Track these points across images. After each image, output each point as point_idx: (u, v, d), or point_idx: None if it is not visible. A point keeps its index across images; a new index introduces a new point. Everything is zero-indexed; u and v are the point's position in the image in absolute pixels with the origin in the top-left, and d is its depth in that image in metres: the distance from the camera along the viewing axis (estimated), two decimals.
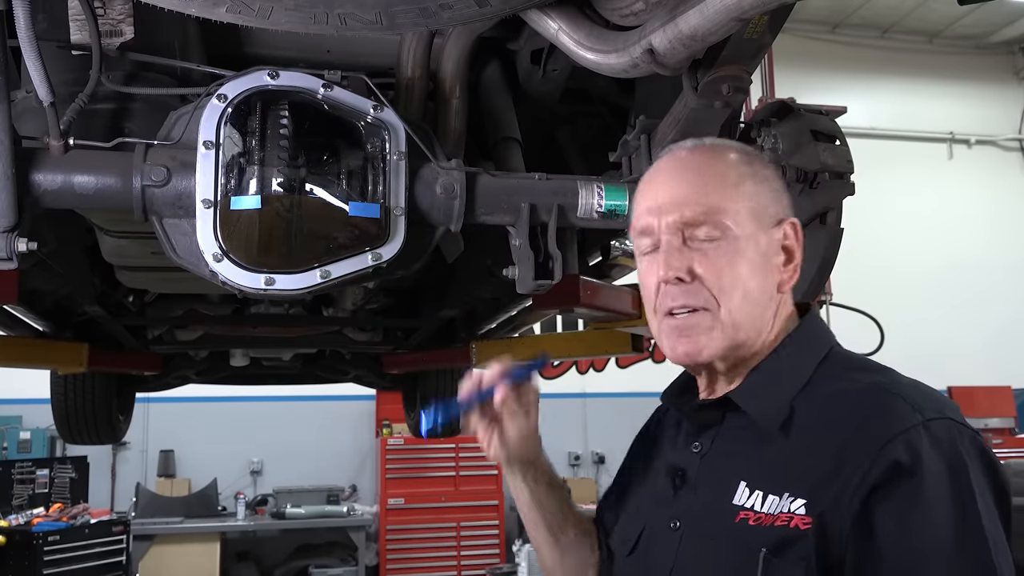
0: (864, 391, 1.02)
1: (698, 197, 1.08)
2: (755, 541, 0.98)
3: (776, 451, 1.03)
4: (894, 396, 0.99)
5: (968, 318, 10.83)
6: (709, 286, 1.06)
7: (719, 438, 1.11)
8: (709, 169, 1.11)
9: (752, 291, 1.08)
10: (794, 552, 0.95)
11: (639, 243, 1.14)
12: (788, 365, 1.09)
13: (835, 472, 0.96)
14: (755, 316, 1.08)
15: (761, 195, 1.11)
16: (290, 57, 1.89)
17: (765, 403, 1.06)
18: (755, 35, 1.49)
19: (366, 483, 9.17)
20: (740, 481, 1.04)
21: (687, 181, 1.10)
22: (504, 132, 2.14)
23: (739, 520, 1.01)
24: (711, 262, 1.07)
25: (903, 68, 11.57)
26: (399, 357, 4.15)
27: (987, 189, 11.59)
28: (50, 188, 1.58)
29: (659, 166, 1.15)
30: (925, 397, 1.00)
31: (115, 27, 1.66)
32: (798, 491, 0.98)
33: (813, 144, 1.83)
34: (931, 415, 0.96)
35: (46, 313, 3.22)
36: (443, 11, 1.34)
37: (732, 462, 1.07)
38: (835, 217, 1.88)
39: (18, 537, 5.82)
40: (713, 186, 1.09)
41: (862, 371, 1.07)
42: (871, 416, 0.97)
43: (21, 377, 4.58)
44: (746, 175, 1.11)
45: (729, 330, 1.07)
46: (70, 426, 4.09)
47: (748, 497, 1.02)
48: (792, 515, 0.97)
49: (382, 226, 1.64)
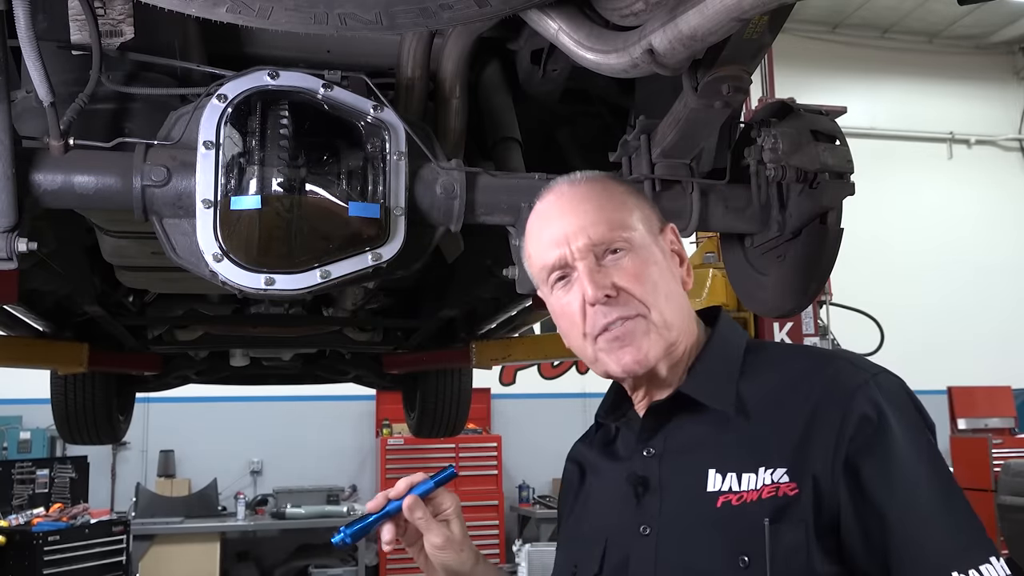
0: (808, 365, 1.10)
1: (597, 218, 1.13)
2: (749, 516, 1.02)
3: (737, 434, 1.08)
4: (836, 362, 1.09)
5: (968, 318, 10.83)
6: (635, 295, 1.11)
7: (670, 437, 1.13)
8: (595, 194, 1.16)
9: (670, 293, 1.14)
10: (792, 515, 1.01)
11: (545, 278, 1.17)
12: (721, 358, 1.15)
13: (808, 438, 1.03)
14: (680, 315, 1.15)
15: (643, 206, 1.19)
16: (290, 57, 1.88)
17: (717, 392, 1.11)
18: (755, 35, 1.49)
19: (366, 483, 9.17)
20: (708, 469, 1.07)
21: (581, 209, 1.14)
22: (504, 132, 2.14)
23: (721, 504, 1.04)
24: (628, 273, 1.12)
25: (903, 68, 11.57)
26: (399, 357, 4.15)
27: (987, 189, 11.59)
28: (50, 188, 1.59)
29: (545, 207, 1.18)
30: (859, 359, 1.12)
31: (115, 27, 1.66)
32: (774, 463, 1.03)
33: (813, 144, 1.83)
34: (873, 370, 1.07)
35: (46, 313, 3.22)
36: (443, 11, 1.34)
37: (693, 455, 1.10)
38: (835, 217, 1.88)
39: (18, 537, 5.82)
40: (605, 206, 1.14)
41: (789, 353, 1.19)
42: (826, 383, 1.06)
43: (21, 377, 4.58)
44: (626, 192, 1.19)
45: (664, 331, 1.12)
46: (70, 426, 4.09)
47: (722, 481, 1.05)
48: (777, 484, 1.02)
49: (382, 226, 1.64)
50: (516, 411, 9.63)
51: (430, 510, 1.19)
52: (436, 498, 1.21)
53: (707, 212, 1.93)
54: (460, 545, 1.21)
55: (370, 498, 1.25)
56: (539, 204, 1.20)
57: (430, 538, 1.19)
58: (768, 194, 1.92)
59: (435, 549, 1.19)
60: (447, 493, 1.22)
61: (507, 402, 9.71)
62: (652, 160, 1.86)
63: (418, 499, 1.17)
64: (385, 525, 1.18)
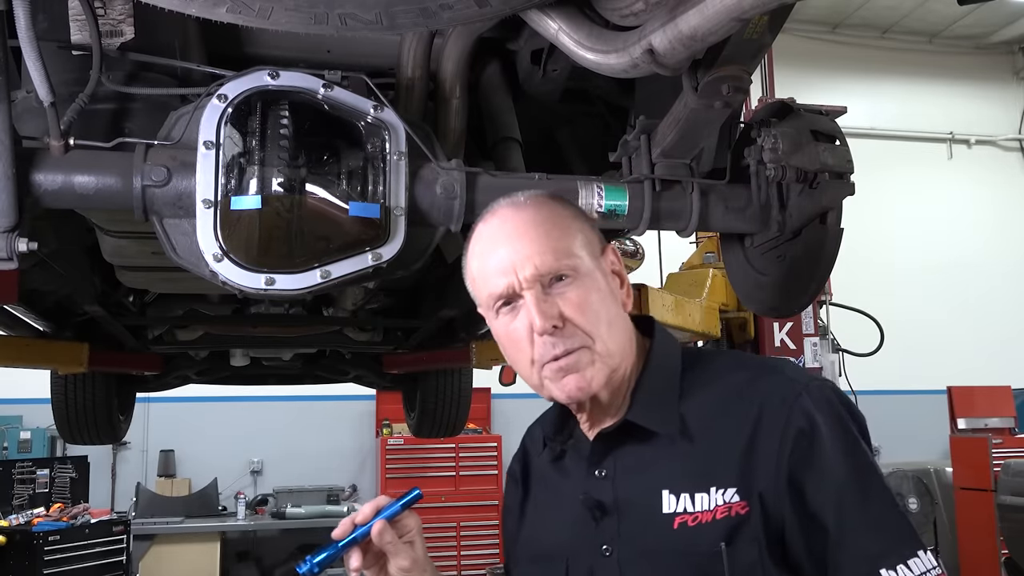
0: (742, 379, 1.14)
1: (543, 247, 1.14)
2: (705, 538, 1.06)
3: (683, 456, 1.11)
4: (769, 376, 1.13)
5: (968, 318, 10.83)
6: (580, 326, 1.13)
7: (620, 461, 1.16)
8: (541, 219, 1.16)
9: (612, 319, 1.16)
10: (745, 535, 1.05)
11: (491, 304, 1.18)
12: (661, 380, 1.18)
13: (751, 456, 1.07)
14: (622, 341, 1.17)
15: (585, 229, 1.20)
16: (290, 57, 1.88)
17: (661, 417, 1.14)
18: (755, 35, 1.49)
19: (366, 483, 9.17)
20: (662, 491, 1.10)
21: (528, 236, 1.15)
22: (504, 132, 2.14)
23: (678, 525, 1.08)
24: (574, 304, 1.13)
25: (903, 68, 11.57)
26: (399, 357, 4.15)
27: (987, 189, 11.58)
28: (50, 188, 1.59)
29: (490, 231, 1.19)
30: (791, 369, 1.16)
31: (115, 27, 1.66)
32: (723, 482, 1.07)
33: (813, 144, 1.83)
34: (806, 381, 1.12)
35: (46, 313, 3.22)
36: (443, 11, 1.34)
37: (645, 477, 1.13)
38: (835, 217, 1.88)
39: (18, 537, 5.81)
40: (551, 233, 1.15)
41: (722, 365, 1.20)
42: (763, 398, 1.10)
43: (21, 377, 4.58)
44: (568, 216, 1.19)
45: (607, 359, 1.14)
46: (70, 426, 4.09)
47: (677, 502, 1.09)
48: (729, 504, 1.06)
49: (382, 226, 1.64)
50: (516, 411, 9.61)
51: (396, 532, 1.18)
52: (401, 520, 1.19)
53: (707, 212, 1.93)
54: (424, 565, 1.20)
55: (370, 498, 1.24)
56: (483, 227, 1.21)
57: (398, 561, 1.18)
58: (768, 194, 1.92)
59: (402, 572, 1.18)
60: (411, 514, 1.21)
61: (507, 402, 9.69)
62: (652, 160, 1.86)
63: (387, 524, 1.16)
64: (353, 551, 1.16)
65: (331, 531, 1.16)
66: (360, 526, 1.16)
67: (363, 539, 1.16)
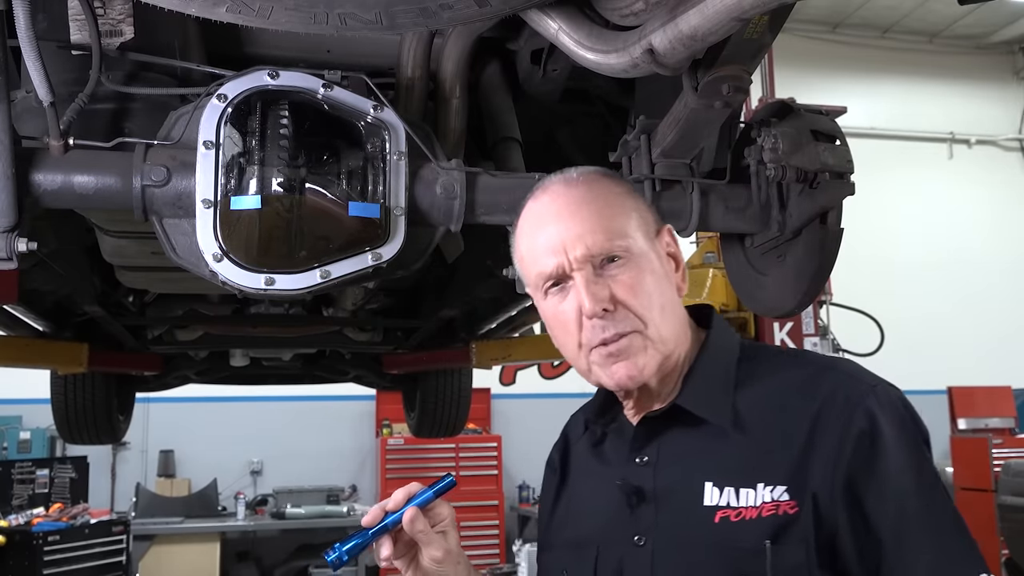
0: (804, 375, 1.08)
1: (595, 226, 1.10)
2: (747, 535, 1.01)
3: (734, 447, 1.06)
4: (832, 373, 1.08)
5: (968, 318, 10.82)
6: (633, 309, 1.08)
7: (664, 447, 1.11)
8: (593, 197, 1.12)
9: (666, 303, 1.11)
10: (792, 535, 1.00)
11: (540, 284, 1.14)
12: (716, 368, 1.13)
13: (807, 454, 1.02)
14: (675, 326, 1.12)
15: (640, 208, 1.15)
16: (290, 57, 1.88)
17: (714, 404, 1.10)
18: (755, 35, 1.49)
19: (366, 483, 9.16)
20: (705, 482, 1.05)
21: (579, 214, 1.11)
22: (504, 132, 2.14)
23: (719, 520, 1.03)
24: (626, 286, 1.09)
25: (903, 68, 11.57)
26: (399, 357, 4.15)
27: (987, 189, 11.58)
28: (50, 188, 1.59)
29: (540, 208, 1.15)
30: (857, 369, 1.09)
31: (115, 27, 1.66)
32: (773, 479, 1.02)
33: (813, 144, 1.83)
34: (872, 382, 1.06)
35: (46, 313, 3.22)
36: (443, 11, 1.34)
37: (689, 467, 1.08)
38: (835, 217, 1.88)
39: (18, 537, 5.82)
40: (603, 212, 1.11)
41: (785, 360, 1.15)
42: (825, 396, 1.04)
43: (21, 377, 4.58)
44: (624, 194, 1.15)
45: (660, 345, 1.10)
46: (70, 426, 4.09)
47: (720, 496, 1.04)
48: (778, 503, 1.01)
49: (382, 226, 1.64)
50: (516, 411, 9.63)
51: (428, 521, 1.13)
52: (434, 508, 1.15)
53: (707, 212, 1.93)
54: (457, 557, 1.16)
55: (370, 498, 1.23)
56: (533, 203, 1.17)
57: (430, 552, 1.13)
58: (768, 194, 1.92)
59: (434, 563, 1.14)
60: (444, 503, 1.16)
61: (507, 402, 9.71)
62: (652, 160, 1.86)
63: (419, 512, 1.12)
64: (383, 540, 1.12)
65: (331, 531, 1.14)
66: (391, 513, 1.12)
67: (394, 527, 1.12)
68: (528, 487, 9.21)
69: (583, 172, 1.17)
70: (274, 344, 3.95)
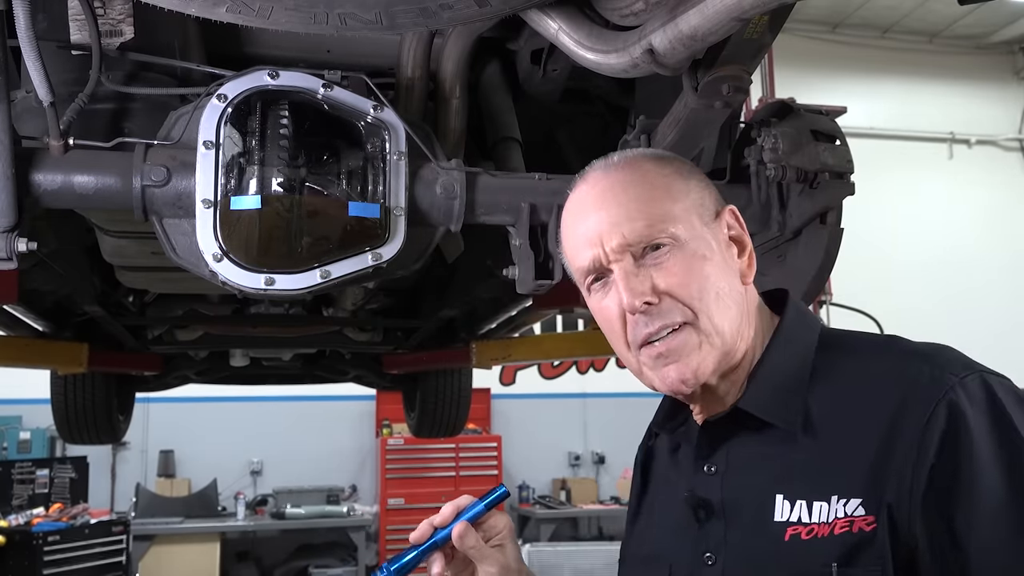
0: (885, 367, 0.95)
1: (633, 213, 0.99)
2: (817, 555, 0.90)
3: (805, 454, 0.95)
4: (920, 363, 0.93)
5: (968, 318, 10.82)
6: (681, 298, 0.98)
7: (733, 454, 1.01)
8: (633, 182, 1.02)
9: (724, 292, 0.99)
10: (866, 557, 0.89)
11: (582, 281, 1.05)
12: (787, 362, 1.01)
13: (884, 462, 0.90)
14: (734, 318, 1.00)
15: (692, 191, 1.04)
16: (290, 57, 1.88)
17: (780, 406, 0.98)
18: (755, 35, 1.49)
19: (366, 483, 9.17)
20: (775, 495, 0.95)
21: (616, 201, 1.01)
22: (504, 132, 2.14)
23: (790, 537, 0.92)
24: (672, 274, 0.98)
25: (903, 68, 11.57)
26: (399, 357, 4.15)
27: (987, 189, 11.58)
28: (50, 188, 1.58)
29: (578, 199, 1.06)
30: (946, 357, 0.95)
31: (115, 27, 1.66)
32: (848, 491, 0.91)
33: (813, 144, 1.83)
34: (960, 372, 0.91)
35: (46, 313, 3.22)
36: (443, 11, 1.34)
37: (758, 477, 0.97)
38: (835, 217, 1.88)
39: (18, 537, 5.82)
40: (644, 197, 1.01)
41: (869, 350, 1.01)
42: (905, 391, 0.91)
43: (21, 377, 4.58)
44: (670, 175, 1.04)
45: (716, 339, 0.98)
46: (70, 426, 4.09)
47: (791, 510, 0.93)
48: (852, 518, 0.90)
49: (382, 226, 1.64)
50: (516, 411, 9.63)
51: (481, 535, 1.06)
52: (487, 521, 1.08)
53: None
54: (516, 571, 1.08)
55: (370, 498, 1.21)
56: (572, 195, 1.07)
57: (484, 567, 1.06)
58: (768, 194, 1.92)
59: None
60: (499, 514, 1.09)
61: (507, 402, 9.71)
62: None
63: (469, 526, 1.05)
64: (435, 557, 1.05)
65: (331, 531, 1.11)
66: (440, 529, 1.06)
67: (444, 543, 1.06)
68: (528, 487, 9.21)
69: (625, 155, 1.06)
70: (274, 344, 3.95)
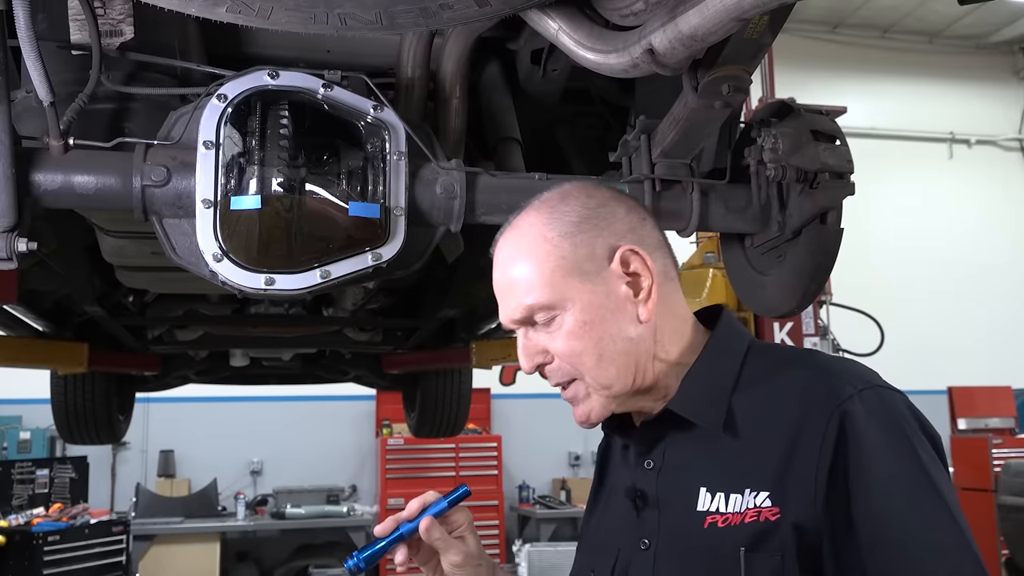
0: (799, 378, 1.06)
1: (513, 297, 1.11)
2: (729, 541, 1.01)
3: (726, 451, 1.06)
4: (824, 377, 1.05)
5: (968, 318, 10.83)
6: (566, 361, 1.10)
7: (668, 451, 1.13)
8: (509, 260, 1.13)
9: (607, 347, 1.09)
10: (770, 544, 0.99)
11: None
12: (714, 369, 1.12)
13: (790, 460, 1.01)
14: (623, 365, 1.10)
15: (572, 248, 1.10)
16: (290, 57, 1.88)
17: (705, 407, 1.09)
18: (755, 35, 1.49)
19: (366, 483, 9.17)
20: (700, 487, 1.06)
21: (502, 280, 1.13)
22: (504, 132, 2.14)
23: (708, 525, 1.04)
24: (555, 339, 1.10)
25: (903, 68, 11.57)
26: (399, 357, 4.15)
27: (987, 189, 11.59)
28: (50, 188, 1.59)
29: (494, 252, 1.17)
30: (850, 372, 1.06)
31: (115, 27, 1.66)
32: (758, 485, 1.02)
33: (813, 144, 1.83)
34: (860, 386, 1.02)
35: (46, 313, 3.22)
36: (443, 11, 1.34)
37: (687, 471, 1.09)
38: (835, 217, 1.88)
39: (18, 537, 5.82)
40: (519, 280, 1.11)
41: (787, 362, 1.12)
42: (812, 399, 1.02)
43: (21, 377, 4.58)
44: (554, 237, 1.10)
45: (602, 391, 1.11)
46: (70, 426, 4.10)
47: (711, 501, 1.05)
48: (760, 509, 1.00)
49: (382, 226, 1.64)
50: (516, 411, 9.63)
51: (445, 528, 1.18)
52: (450, 516, 1.20)
53: (707, 212, 1.93)
54: (478, 559, 1.20)
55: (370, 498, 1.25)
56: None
57: (449, 557, 1.18)
58: (768, 194, 1.92)
59: (454, 568, 1.19)
60: (460, 509, 1.21)
61: (507, 402, 9.70)
62: (652, 160, 1.86)
63: (434, 520, 1.17)
64: (399, 547, 1.17)
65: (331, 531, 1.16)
66: (406, 523, 1.17)
67: (410, 536, 1.17)
68: (528, 487, 9.21)
69: (520, 213, 1.15)
70: (274, 344, 3.95)
